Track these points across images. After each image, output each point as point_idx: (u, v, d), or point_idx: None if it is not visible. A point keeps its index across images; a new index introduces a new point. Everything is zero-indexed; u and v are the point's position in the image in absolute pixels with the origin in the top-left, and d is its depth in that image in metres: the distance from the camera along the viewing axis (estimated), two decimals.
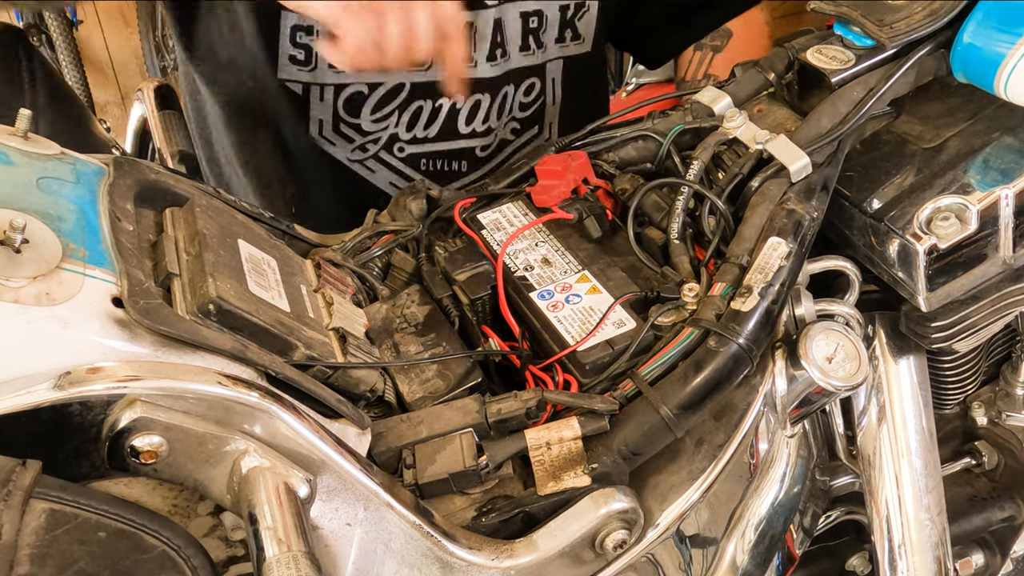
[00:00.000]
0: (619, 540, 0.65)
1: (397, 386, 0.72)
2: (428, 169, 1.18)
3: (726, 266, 0.72)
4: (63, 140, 0.67)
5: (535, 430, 0.66)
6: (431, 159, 1.17)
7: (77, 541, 0.47)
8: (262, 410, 0.55)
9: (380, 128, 1.14)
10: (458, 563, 0.62)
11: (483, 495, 0.67)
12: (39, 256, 0.54)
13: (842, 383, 0.70)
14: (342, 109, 1.12)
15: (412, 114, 1.13)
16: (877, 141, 0.84)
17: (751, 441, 0.73)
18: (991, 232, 0.77)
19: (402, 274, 0.85)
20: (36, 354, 0.51)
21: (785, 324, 0.74)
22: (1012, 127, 0.81)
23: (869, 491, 0.88)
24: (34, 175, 0.60)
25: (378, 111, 1.13)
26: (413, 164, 1.18)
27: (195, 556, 0.51)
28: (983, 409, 1.01)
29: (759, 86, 0.88)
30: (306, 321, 0.67)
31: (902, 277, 0.78)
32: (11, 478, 0.46)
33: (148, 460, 0.53)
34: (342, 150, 1.16)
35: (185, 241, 0.65)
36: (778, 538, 0.79)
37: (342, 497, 0.59)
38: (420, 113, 1.13)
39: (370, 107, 1.13)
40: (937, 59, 0.80)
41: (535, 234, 0.84)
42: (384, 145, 1.15)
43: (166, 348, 0.55)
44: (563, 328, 0.73)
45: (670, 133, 0.87)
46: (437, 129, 1.14)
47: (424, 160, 1.17)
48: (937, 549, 0.87)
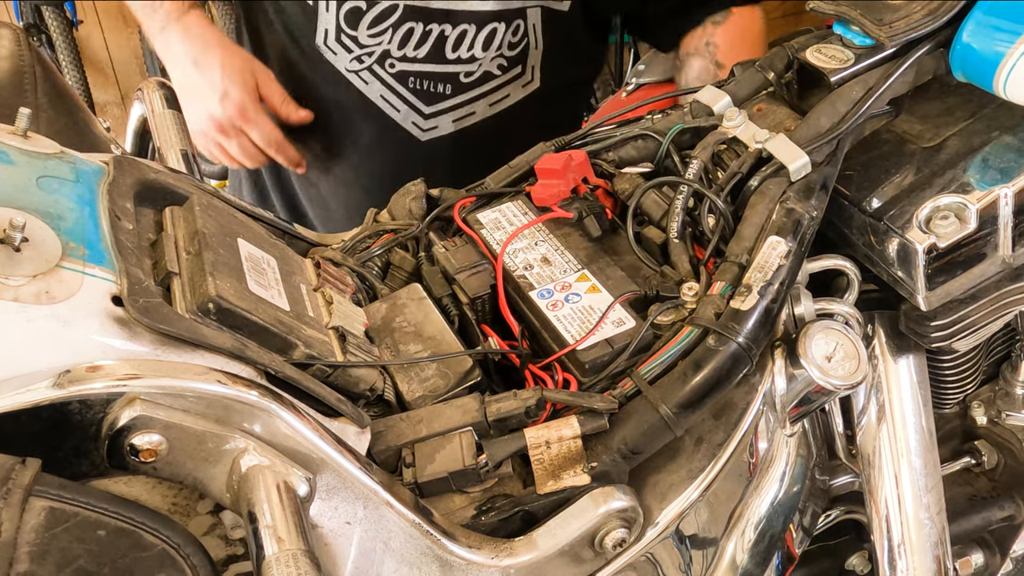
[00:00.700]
0: (618, 539, 0.65)
1: (396, 385, 0.72)
2: (415, 87, 1.32)
3: (725, 265, 0.73)
4: (63, 139, 0.67)
5: (534, 429, 0.67)
6: (418, 78, 1.31)
7: (76, 539, 0.47)
8: (262, 408, 0.55)
9: (375, 43, 1.27)
10: (458, 562, 0.62)
11: (482, 494, 0.67)
12: (39, 255, 0.54)
13: (841, 382, 0.70)
14: (343, 20, 1.26)
15: (404, 34, 1.27)
16: (876, 140, 0.85)
17: (750, 440, 0.73)
18: (990, 231, 0.77)
19: (402, 273, 0.85)
20: (36, 352, 0.51)
21: (784, 323, 0.74)
22: (1011, 126, 0.81)
23: (868, 490, 0.88)
24: (34, 174, 0.60)
25: (374, 27, 1.26)
26: (402, 80, 1.31)
27: (194, 554, 0.51)
28: (983, 408, 1.01)
29: (758, 85, 0.88)
30: (306, 320, 0.67)
31: (901, 276, 0.78)
32: (11, 476, 0.46)
33: (147, 458, 0.53)
34: (342, 59, 1.30)
35: (185, 240, 0.65)
36: (778, 537, 0.79)
37: (342, 496, 0.59)
38: (411, 34, 1.27)
39: (367, 22, 1.26)
40: (936, 58, 0.80)
41: (535, 233, 0.84)
42: (377, 59, 1.29)
43: (166, 347, 0.55)
44: (562, 327, 0.73)
45: (669, 132, 0.87)
46: (426, 51, 1.28)
47: (412, 78, 1.30)
48: (936, 548, 0.87)
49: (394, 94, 1.32)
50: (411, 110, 1.33)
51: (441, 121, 1.35)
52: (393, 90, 1.32)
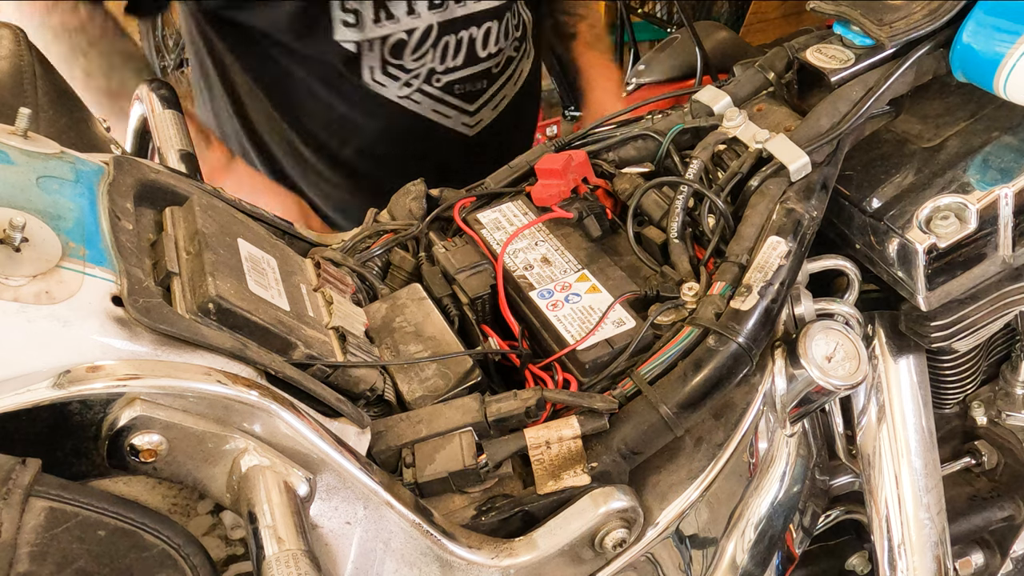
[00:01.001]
0: (618, 539, 0.65)
1: (397, 385, 0.72)
2: (460, 92, 1.40)
3: (725, 265, 0.72)
4: (63, 139, 0.67)
5: (535, 429, 0.66)
6: (461, 83, 1.39)
7: (76, 539, 0.47)
8: (262, 409, 0.55)
9: (419, 65, 1.34)
10: (458, 562, 0.62)
11: (483, 494, 0.67)
12: (39, 255, 0.54)
13: (841, 382, 0.70)
14: (388, 54, 1.33)
15: (443, 49, 1.35)
16: (877, 140, 0.85)
17: (751, 440, 0.72)
18: (990, 231, 0.77)
19: (402, 273, 0.85)
20: (36, 353, 0.51)
21: (785, 323, 0.74)
22: (1011, 126, 0.81)
23: (869, 490, 0.88)
24: (34, 174, 0.60)
25: (417, 51, 1.33)
26: (448, 90, 1.39)
27: (194, 555, 0.51)
28: (983, 408, 1.01)
29: (759, 85, 0.88)
30: (306, 320, 0.67)
31: (901, 276, 0.78)
32: (11, 476, 0.46)
33: (148, 459, 0.53)
34: (391, 90, 1.36)
35: (185, 240, 0.65)
36: (778, 537, 0.79)
37: (342, 496, 0.59)
38: (448, 47, 1.35)
39: (411, 49, 1.32)
40: (936, 58, 0.80)
41: (535, 233, 0.84)
42: (424, 79, 1.36)
43: (166, 347, 0.55)
44: (563, 327, 0.73)
45: (670, 132, 0.87)
46: (463, 57, 1.36)
47: (456, 85, 1.39)
48: (937, 548, 0.87)
49: (444, 104, 1.39)
50: (459, 113, 1.41)
51: (484, 114, 1.43)
52: (442, 101, 1.39)
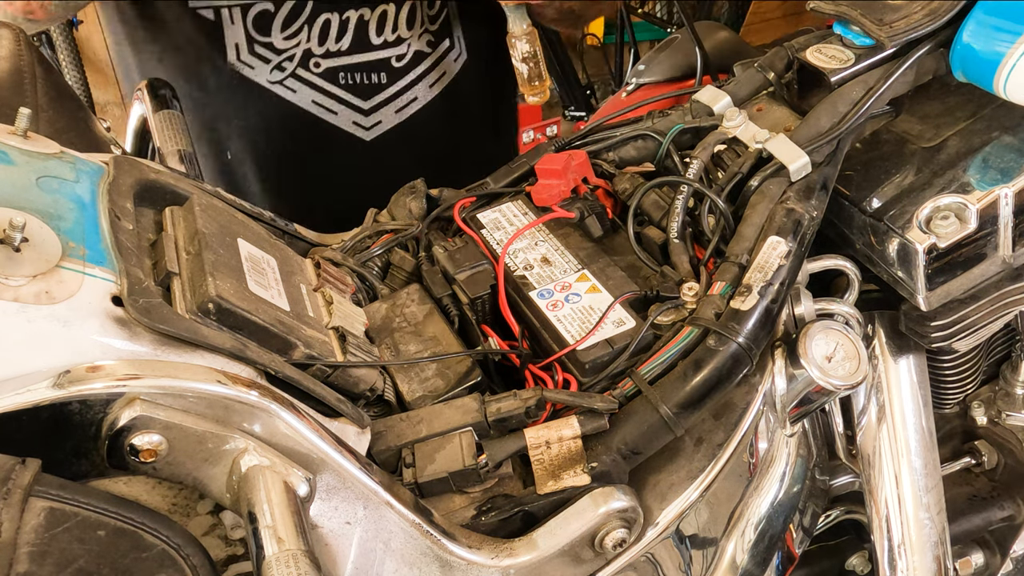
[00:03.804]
0: (618, 539, 0.65)
1: (397, 385, 0.72)
2: (348, 83, 1.21)
3: (726, 265, 0.72)
4: (63, 139, 0.67)
5: (535, 429, 0.66)
6: (348, 72, 1.21)
7: (76, 539, 0.47)
8: (262, 409, 0.55)
9: (293, 44, 1.17)
10: (458, 562, 0.62)
11: (483, 494, 0.67)
12: (39, 255, 0.53)
13: (841, 382, 0.70)
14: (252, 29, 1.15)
15: (321, 27, 1.17)
16: (877, 140, 0.85)
17: (751, 440, 0.73)
18: (990, 231, 0.77)
19: (402, 273, 0.85)
20: (35, 353, 0.51)
21: (785, 323, 0.74)
22: (1011, 126, 0.81)
23: (869, 490, 0.88)
24: (34, 174, 0.60)
25: (287, 27, 1.16)
26: (331, 79, 1.20)
27: (194, 555, 0.51)
28: (983, 408, 1.01)
29: (759, 85, 0.88)
30: (306, 320, 0.67)
31: (902, 276, 0.78)
32: (11, 476, 0.46)
33: (147, 459, 0.53)
34: (261, 72, 1.18)
35: (185, 240, 0.65)
36: (778, 537, 0.79)
37: (342, 496, 0.59)
38: (329, 26, 1.17)
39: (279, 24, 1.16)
40: (936, 58, 0.80)
41: (535, 233, 0.84)
42: (300, 62, 1.18)
43: (166, 347, 0.55)
44: (563, 327, 0.73)
45: (670, 132, 0.87)
46: (349, 41, 1.18)
47: (342, 74, 1.20)
48: (937, 548, 0.87)
49: (327, 96, 1.22)
50: (349, 109, 1.24)
51: (384, 115, 1.26)
52: (325, 92, 1.22)
